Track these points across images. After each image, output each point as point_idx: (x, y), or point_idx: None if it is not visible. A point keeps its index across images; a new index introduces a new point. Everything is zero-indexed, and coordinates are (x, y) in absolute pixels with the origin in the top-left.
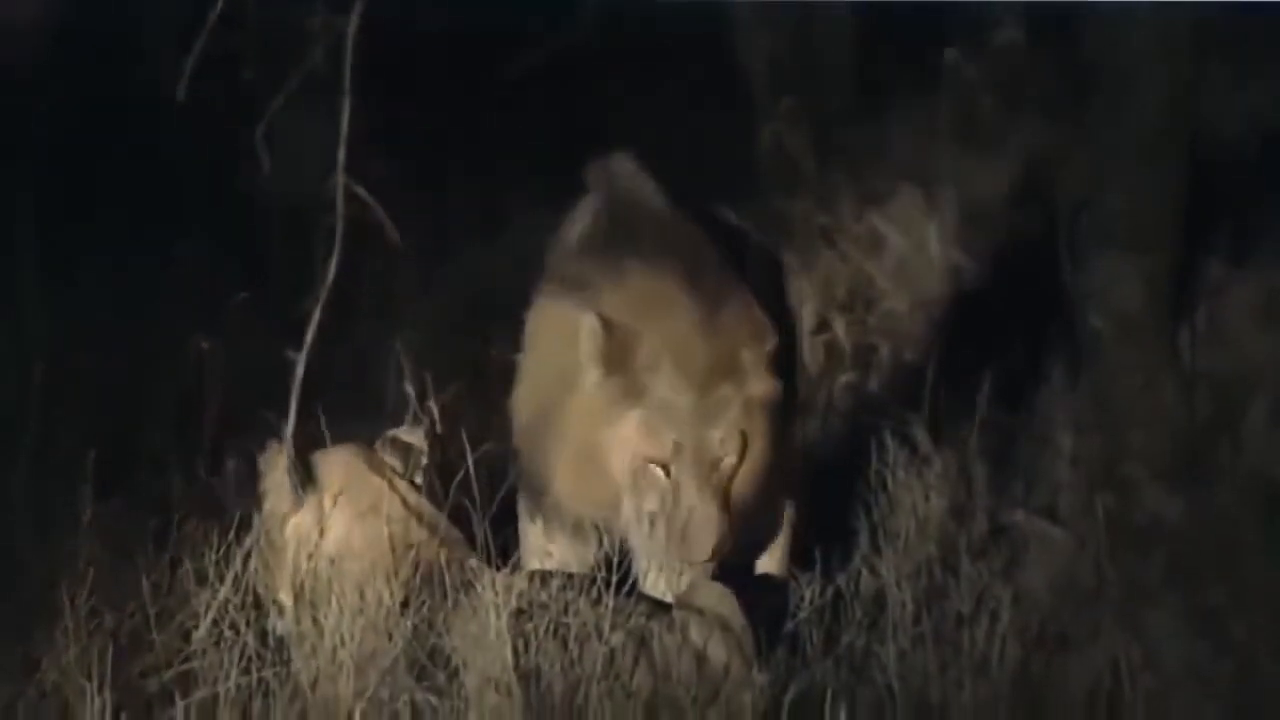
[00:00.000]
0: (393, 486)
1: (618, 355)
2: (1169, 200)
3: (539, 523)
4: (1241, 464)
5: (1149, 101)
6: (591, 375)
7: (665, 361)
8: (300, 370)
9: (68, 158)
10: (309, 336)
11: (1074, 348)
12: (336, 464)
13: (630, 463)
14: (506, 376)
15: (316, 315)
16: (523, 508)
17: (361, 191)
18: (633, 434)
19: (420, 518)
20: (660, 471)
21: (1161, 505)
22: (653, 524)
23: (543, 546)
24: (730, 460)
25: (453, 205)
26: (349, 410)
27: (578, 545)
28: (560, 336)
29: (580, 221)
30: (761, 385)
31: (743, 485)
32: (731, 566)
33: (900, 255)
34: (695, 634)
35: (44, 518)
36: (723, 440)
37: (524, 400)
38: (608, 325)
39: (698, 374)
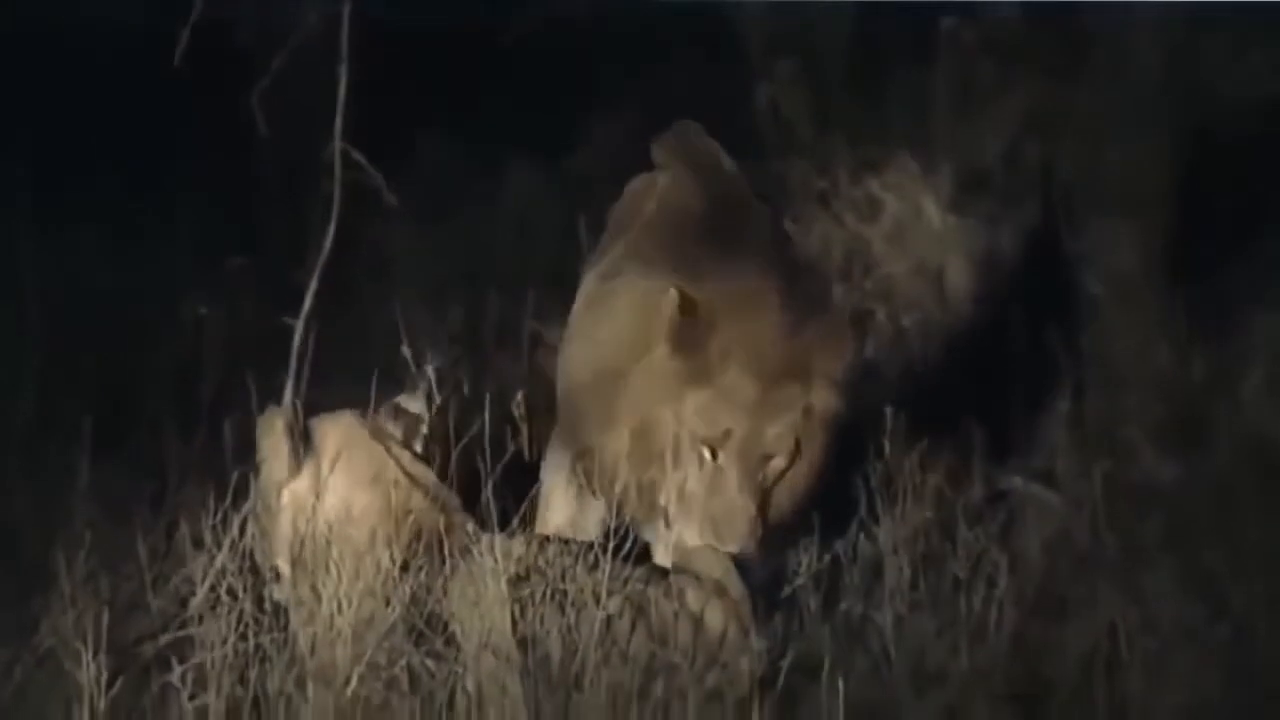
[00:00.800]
0: (391, 452)
1: (691, 336)
2: (1166, 164)
3: (571, 485)
4: (1238, 426)
5: (1146, 66)
6: (661, 349)
7: (738, 355)
8: (298, 336)
9: (65, 122)
10: (307, 302)
11: (1072, 311)
12: (335, 429)
13: (680, 437)
14: (506, 342)
15: (315, 281)
16: (554, 466)
17: (359, 156)
18: (690, 413)
19: (418, 484)
20: (708, 453)
21: (1158, 468)
22: (688, 502)
23: (569, 507)
24: (779, 461)
25: (450, 168)
26: (347, 376)
27: (603, 511)
28: (636, 307)
29: (660, 193)
30: (826, 398)
31: (785, 490)
32: None
33: (897, 220)
34: (692, 600)
35: (41, 482)
36: (777, 438)
37: (578, 360)
38: (689, 304)
39: (767, 373)
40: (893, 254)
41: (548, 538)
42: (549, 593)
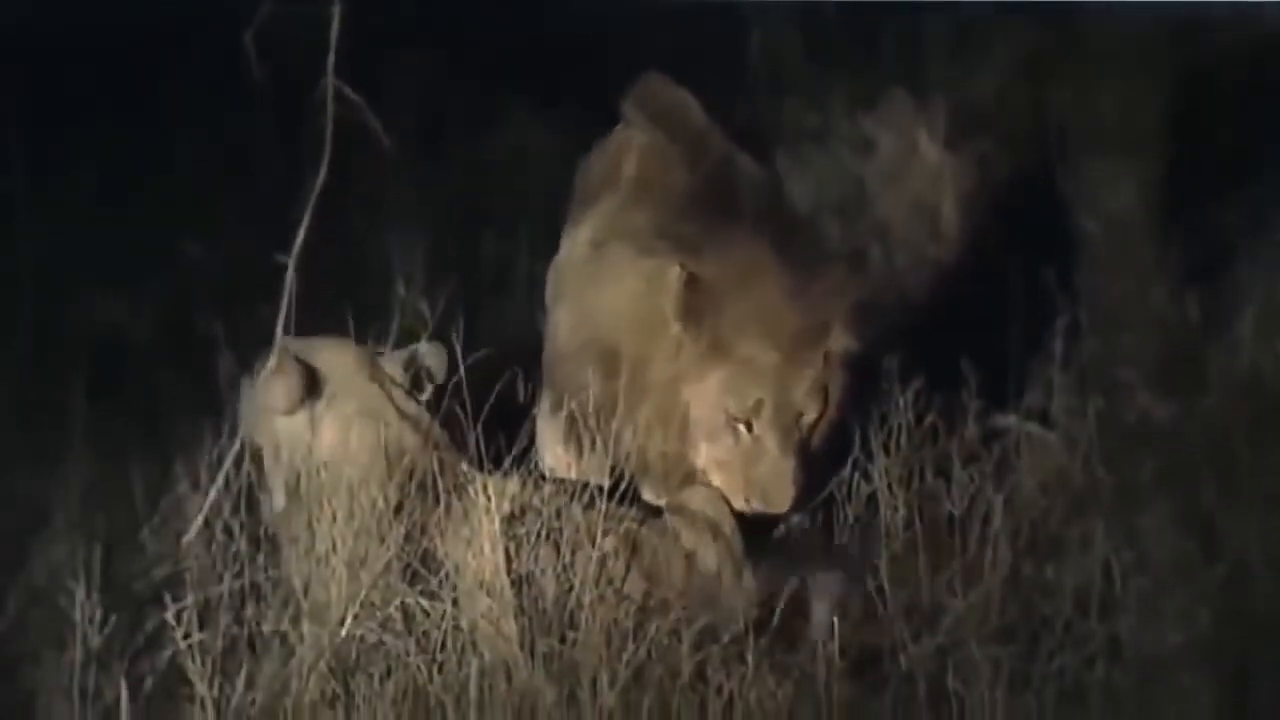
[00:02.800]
0: (385, 389)
1: (700, 311)
2: (1161, 104)
3: (568, 447)
4: (1234, 366)
5: (1142, 5)
6: (673, 329)
7: (753, 326)
8: (290, 273)
9: (56, 61)
10: (299, 239)
11: (1067, 251)
12: (334, 357)
13: (711, 415)
14: (501, 281)
15: (306, 218)
16: (546, 425)
17: (350, 93)
18: (715, 389)
19: (412, 421)
20: (742, 427)
21: (1154, 407)
22: (726, 470)
23: (563, 466)
24: (811, 415)
25: (443, 106)
26: (341, 312)
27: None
28: (638, 288)
29: (640, 158)
30: (842, 340)
31: (821, 434)
32: None
33: (891, 158)
34: (687, 539)
35: (36, 420)
36: (806, 395)
37: (567, 325)
38: (694, 281)
39: (785, 338)
40: (888, 193)
41: (543, 476)
42: (544, 532)
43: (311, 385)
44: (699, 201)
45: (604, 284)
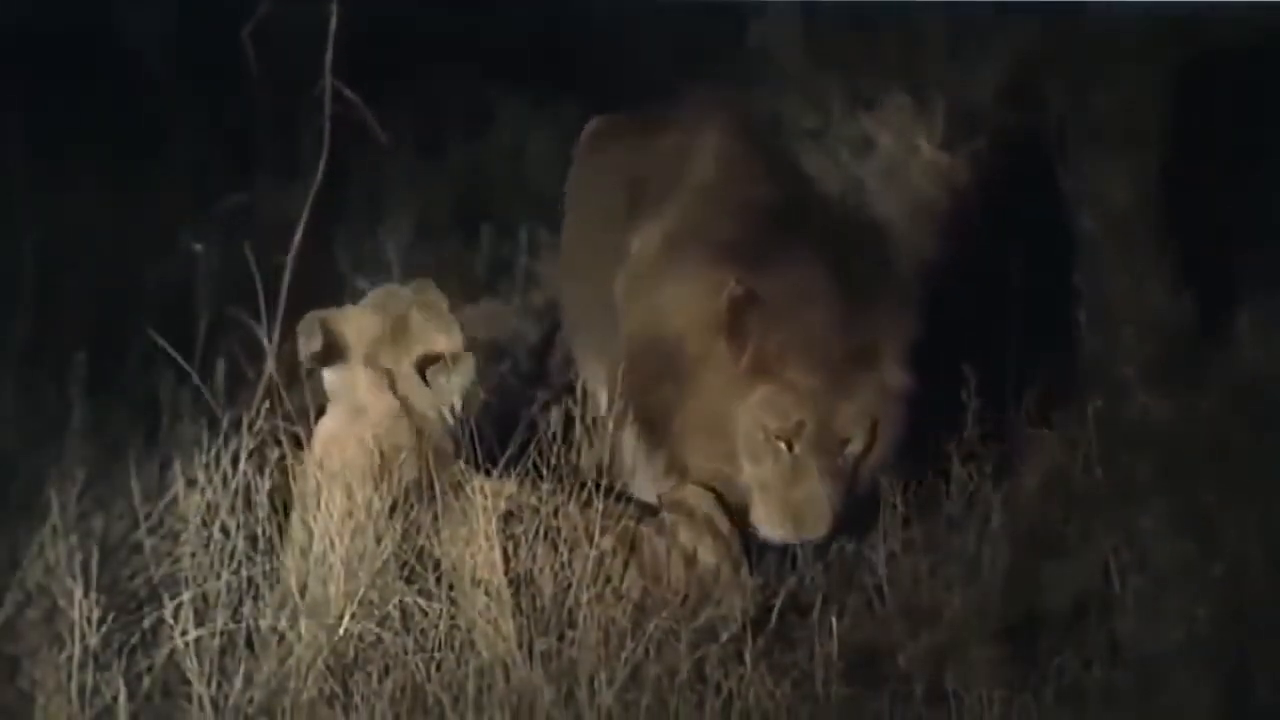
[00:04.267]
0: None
1: (746, 330)
2: (1159, 100)
3: (657, 460)
4: (1232, 364)
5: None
6: (721, 343)
7: (795, 348)
8: (289, 272)
9: (58, 57)
10: (297, 238)
11: (1066, 249)
12: (356, 330)
13: (753, 432)
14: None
15: (305, 217)
16: (638, 442)
17: (348, 92)
18: (756, 405)
19: (411, 419)
20: (783, 445)
21: (1152, 406)
22: (768, 492)
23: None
24: (857, 445)
25: (441, 102)
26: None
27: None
28: (701, 295)
29: (717, 160)
30: (898, 374)
31: (866, 469)
32: None
33: (890, 158)
34: (685, 537)
35: (34, 417)
36: (851, 422)
37: (638, 321)
38: (744, 299)
39: (832, 362)
40: (886, 192)
41: (540, 475)
42: (541, 530)
43: (332, 351)
44: (773, 211)
45: (670, 284)
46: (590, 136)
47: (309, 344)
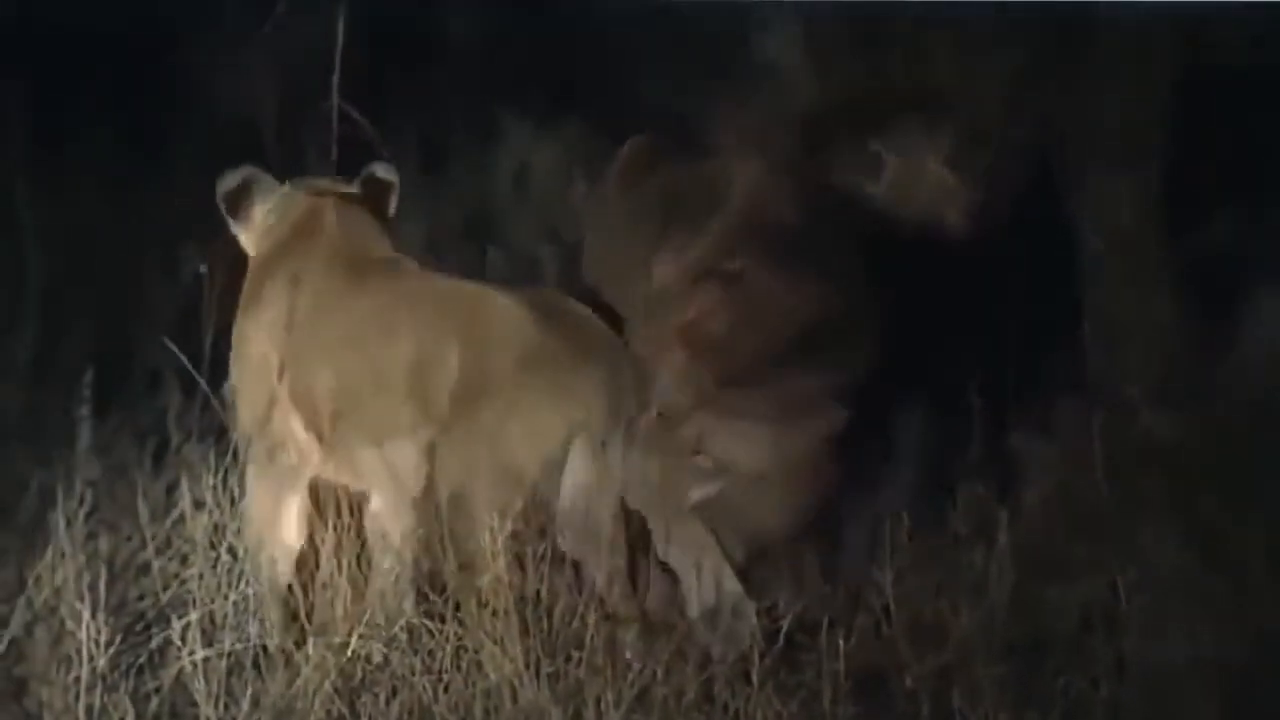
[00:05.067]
0: None
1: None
2: (1163, 117)
3: None
4: (1238, 381)
5: (1142, 19)
6: None
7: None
8: None
9: (64, 73)
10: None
11: (1072, 266)
12: None
13: None
14: None
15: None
16: None
17: (354, 112)
18: None
19: None
20: None
21: (1158, 423)
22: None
23: None
24: None
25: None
26: None
27: None
28: None
29: (750, 191)
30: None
31: None
32: None
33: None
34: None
35: (40, 437)
36: None
37: None
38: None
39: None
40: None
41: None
42: (549, 551)
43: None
44: (801, 245)
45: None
46: (627, 157)
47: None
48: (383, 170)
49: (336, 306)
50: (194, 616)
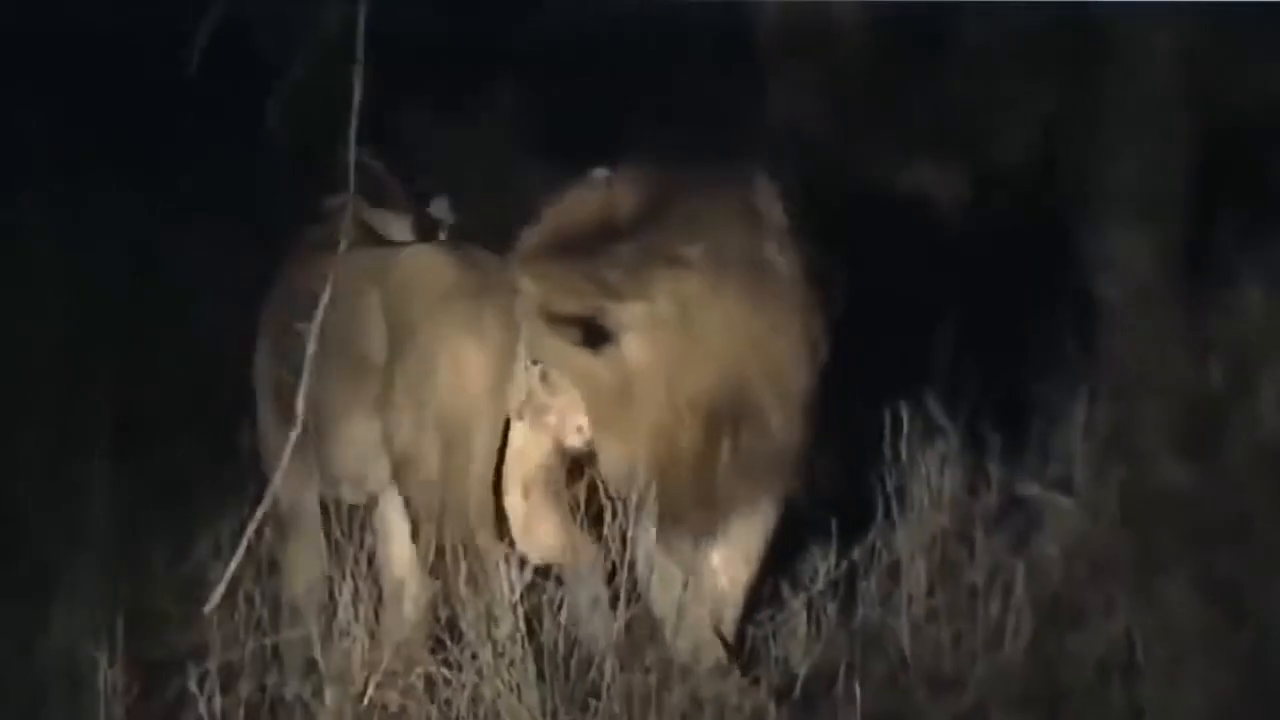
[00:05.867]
0: None
1: None
2: (1181, 168)
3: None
4: (1256, 432)
5: (1160, 70)
6: None
7: None
8: (312, 343)
9: (82, 126)
10: (320, 308)
11: (1088, 317)
12: None
13: None
14: None
15: (329, 288)
16: None
17: (375, 165)
18: None
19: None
20: None
21: (1175, 474)
22: None
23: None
24: None
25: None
26: None
27: None
28: None
29: None
30: None
31: None
32: None
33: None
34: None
35: (59, 484)
36: None
37: None
38: None
39: None
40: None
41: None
42: (564, 599)
43: None
44: None
45: None
46: None
47: None
48: (438, 209)
49: None
50: (212, 665)
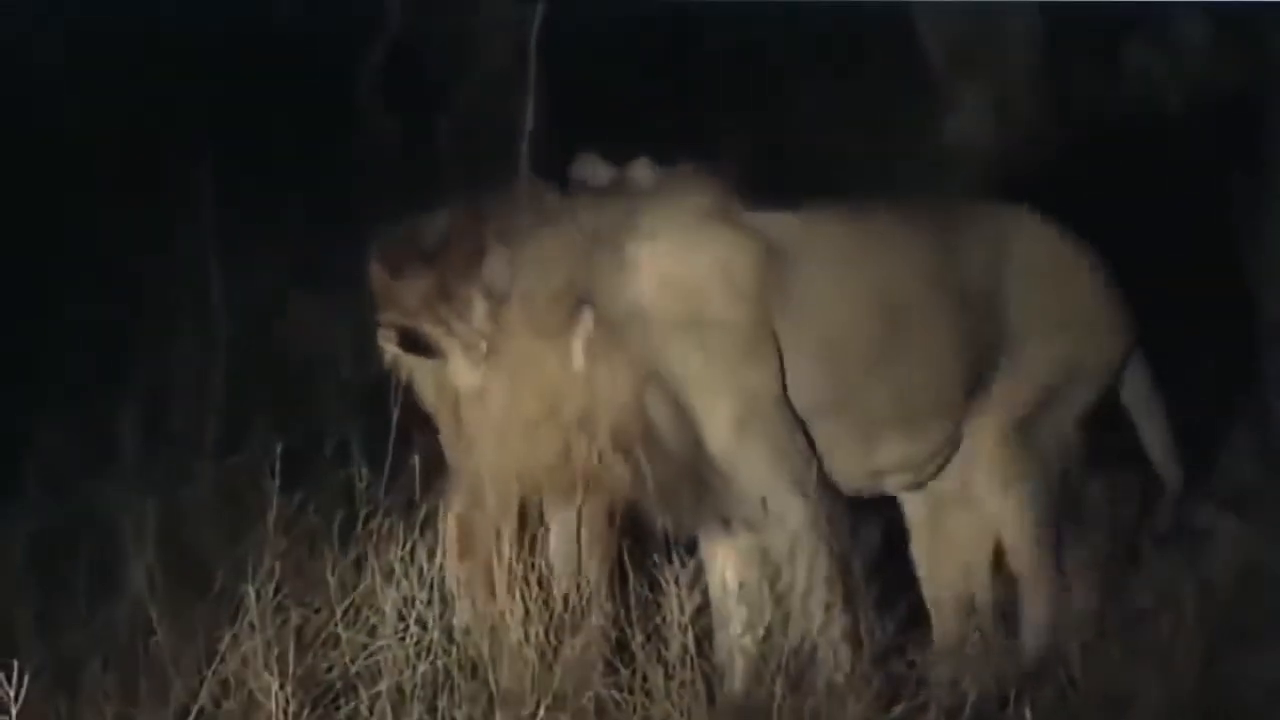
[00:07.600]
0: None
1: None
2: None
3: None
4: None
5: None
6: None
7: None
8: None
9: (250, 149)
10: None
11: (1253, 336)
12: None
13: None
14: None
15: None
16: None
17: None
18: None
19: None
20: None
21: None
22: None
23: None
24: None
25: None
26: None
27: None
28: None
29: None
30: None
31: None
32: None
33: None
34: None
35: (230, 510)
36: None
37: None
38: None
39: None
40: None
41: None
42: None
43: None
44: None
45: None
46: None
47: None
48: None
49: None
50: (383, 688)
